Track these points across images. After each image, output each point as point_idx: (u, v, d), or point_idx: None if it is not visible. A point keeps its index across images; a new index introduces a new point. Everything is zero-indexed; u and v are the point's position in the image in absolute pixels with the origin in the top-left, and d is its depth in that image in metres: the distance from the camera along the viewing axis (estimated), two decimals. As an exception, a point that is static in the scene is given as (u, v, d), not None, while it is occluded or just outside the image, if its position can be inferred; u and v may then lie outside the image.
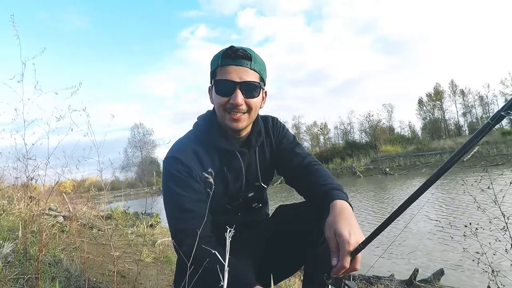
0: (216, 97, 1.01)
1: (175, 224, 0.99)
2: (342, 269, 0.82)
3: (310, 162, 1.14)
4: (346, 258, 0.81)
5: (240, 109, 0.99)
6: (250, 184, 1.16)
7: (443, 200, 8.37)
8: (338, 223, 0.86)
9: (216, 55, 1.03)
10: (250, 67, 0.99)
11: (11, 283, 1.39)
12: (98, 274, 2.04)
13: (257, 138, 1.14)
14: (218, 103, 1.01)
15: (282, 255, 1.15)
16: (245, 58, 0.99)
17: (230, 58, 0.98)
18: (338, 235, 0.84)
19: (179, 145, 1.07)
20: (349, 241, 0.82)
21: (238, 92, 0.97)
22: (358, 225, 0.87)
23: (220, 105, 1.01)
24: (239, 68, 0.98)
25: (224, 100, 0.99)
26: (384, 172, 21.90)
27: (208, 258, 0.82)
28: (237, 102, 0.97)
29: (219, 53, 1.02)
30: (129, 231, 4.33)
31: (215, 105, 1.04)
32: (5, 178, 3.94)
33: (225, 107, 1.00)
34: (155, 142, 45.54)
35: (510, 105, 0.54)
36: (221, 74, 0.99)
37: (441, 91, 41.47)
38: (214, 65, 1.02)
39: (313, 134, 43.61)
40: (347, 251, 0.81)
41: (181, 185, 0.99)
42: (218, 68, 1.00)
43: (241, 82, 0.97)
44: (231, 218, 0.94)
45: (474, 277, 3.34)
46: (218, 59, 1.00)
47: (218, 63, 1.00)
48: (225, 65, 0.98)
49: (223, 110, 1.01)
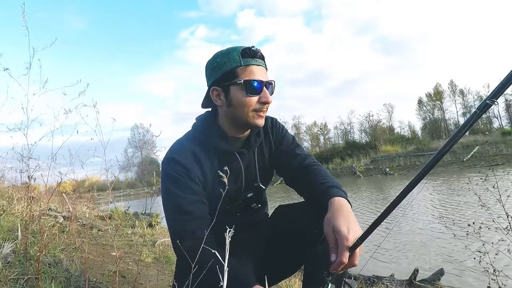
0: (245, 97, 0.99)
1: (174, 225, 0.99)
2: (340, 264, 0.82)
3: (310, 163, 1.14)
4: (344, 253, 0.82)
5: (267, 106, 1.03)
6: (249, 185, 1.16)
7: (443, 200, 8.38)
8: (336, 219, 0.87)
9: (231, 54, 1.00)
10: (265, 67, 1.04)
11: (11, 283, 1.39)
12: (98, 274, 2.05)
13: (256, 138, 1.14)
14: (248, 104, 1.00)
15: (282, 255, 1.16)
16: (262, 58, 1.03)
17: (251, 57, 1.00)
18: (336, 231, 0.84)
19: (177, 146, 1.07)
20: (347, 236, 0.82)
21: (266, 91, 1.01)
22: (356, 221, 0.88)
23: (249, 105, 1.00)
24: (260, 68, 1.01)
25: (254, 100, 1.00)
26: (384, 172, 21.91)
27: (208, 259, 0.82)
28: (269, 100, 1.01)
29: (236, 52, 0.99)
30: (129, 231, 4.33)
31: (239, 105, 1.01)
32: (5, 178, 3.94)
33: (255, 107, 1.01)
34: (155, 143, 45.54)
35: (495, 94, 0.55)
36: (248, 74, 0.99)
37: (441, 91, 41.50)
38: (231, 64, 0.99)
39: (313, 134, 43.64)
40: (345, 246, 0.82)
41: (179, 186, 0.99)
42: (240, 68, 0.98)
43: (267, 81, 1.01)
44: (231, 219, 0.93)
45: (474, 277, 3.34)
46: (238, 58, 0.99)
47: (240, 63, 0.98)
48: (249, 64, 0.99)
49: (252, 110, 1.01)
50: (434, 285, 3.00)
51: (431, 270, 3.49)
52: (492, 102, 0.55)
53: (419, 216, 6.68)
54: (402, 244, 5.00)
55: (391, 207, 0.75)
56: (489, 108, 0.55)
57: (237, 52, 0.99)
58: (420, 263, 3.99)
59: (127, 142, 49.59)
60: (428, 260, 4.16)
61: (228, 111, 1.04)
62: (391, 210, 0.75)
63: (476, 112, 0.57)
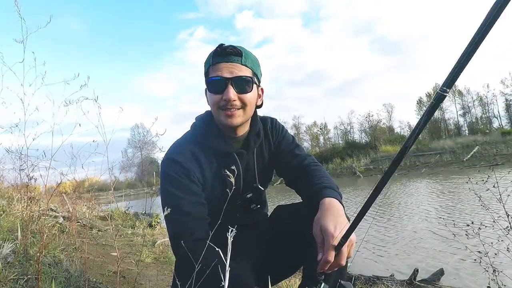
0: (210, 95, 1.01)
1: (172, 226, 0.99)
2: (326, 263, 0.82)
3: (309, 163, 1.14)
4: (330, 252, 0.81)
5: (234, 104, 0.98)
6: (249, 186, 1.15)
7: (443, 199, 8.38)
8: (324, 219, 0.86)
9: (209, 55, 1.03)
10: (241, 63, 0.99)
11: (11, 283, 1.38)
12: (98, 274, 2.04)
13: (256, 139, 1.14)
14: (212, 102, 1.00)
15: (281, 255, 1.16)
16: (235, 54, 0.99)
17: (220, 55, 0.98)
18: (323, 229, 0.84)
19: (176, 147, 1.06)
20: (333, 234, 0.82)
21: (230, 88, 0.97)
22: (346, 222, 0.86)
23: (214, 103, 1.00)
24: (230, 65, 0.98)
25: (217, 98, 0.98)
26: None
27: (207, 260, 0.82)
28: (229, 97, 0.96)
29: (210, 53, 1.02)
30: (129, 232, 4.33)
31: (210, 104, 1.04)
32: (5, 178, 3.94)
33: (219, 104, 0.99)
34: (155, 143, 45.49)
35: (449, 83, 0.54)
36: (213, 72, 0.99)
37: (441, 91, 41.41)
38: (206, 65, 1.02)
39: (313, 134, 43.62)
40: (331, 245, 0.81)
41: (179, 187, 0.98)
42: (210, 68, 1.00)
43: (232, 77, 0.97)
44: (230, 220, 0.93)
45: (474, 277, 3.34)
46: (210, 59, 1.00)
47: (210, 63, 1.00)
48: (216, 63, 0.98)
49: (217, 108, 1.00)
50: (434, 285, 2.99)
51: (431, 270, 3.49)
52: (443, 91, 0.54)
53: (419, 216, 6.68)
54: (402, 244, 4.99)
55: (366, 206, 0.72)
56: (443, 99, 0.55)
57: (212, 52, 1.01)
58: (420, 263, 3.98)
59: (127, 143, 49.64)
60: (428, 260, 4.16)
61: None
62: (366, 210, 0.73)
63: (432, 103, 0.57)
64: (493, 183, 1.89)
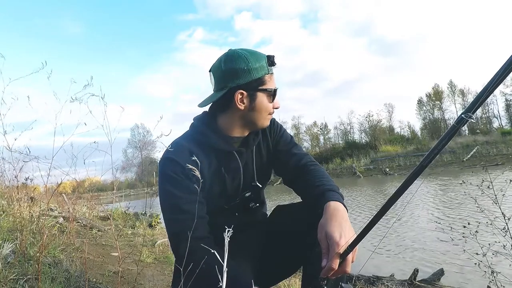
0: (267, 103, 1.06)
1: (171, 225, 0.99)
2: (330, 270, 0.82)
3: (306, 163, 1.14)
4: (334, 259, 0.81)
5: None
6: (247, 184, 1.16)
7: (443, 199, 8.38)
8: (329, 225, 0.87)
9: (261, 61, 1.03)
10: None
11: (11, 283, 1.39)
12: (98, 274, 2.05)
13: (255, 138, 1.14)
14: (270, 109, 1.08)
15: (280, 255, 1.16)
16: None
17: (273, 66, 1.07)
18: (328, 236, 0.84)
19: (175, 146, 1.06)
20: (339, 242, 0.82)
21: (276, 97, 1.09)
22: (350, 227, 0.87)
23: (267, 110, 1.07)
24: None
25: (271, 106, 1.08)
26: (384, 172, 21.91)
27: (206, 259, 0.82)
28: (279, 106, 1.11)
29: (264, 60, 1.03)
30: (129, 232, 4.33)
31: (262, 110, 1.06)
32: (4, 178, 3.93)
33: (270, 111, 1.09)
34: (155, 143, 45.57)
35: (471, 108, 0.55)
36: (271, 83, 1.06)
37: (440, 91, 41.47)
38: (261, 71, 1.03)
39: (313, 134, 43.61)
40: (336, 252, 0.81)
41: (177, 186, 0.98)
42: (267, 76, 1.04)
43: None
44: (229, 219, 0.93)
45: (474, 277, 3.34)
46: (266, 67, 1.04)
47: (267, 71, 1.04)
48: (271, 73, 1.06)
49: (268, 113, 1.09)
50: (434, 285, 2.99)
51: (431, 270, 3.49)
52: (467, 117, 0.54)
53: (419, 216, 6.68)
54: (402, 244, 5.00)
55: (378, 216, 0.73)
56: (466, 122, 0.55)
57: (264, 60, 1.03)
58: (420, 263, 3.99)
59: (127, 143, 49.65)
60: (428, 260, 4.16)
61: (248, 114, 1.05)
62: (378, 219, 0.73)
63: (454, 126, 0.57)
64: (490, 183, 1.89)
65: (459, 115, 0.55)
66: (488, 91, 0.52)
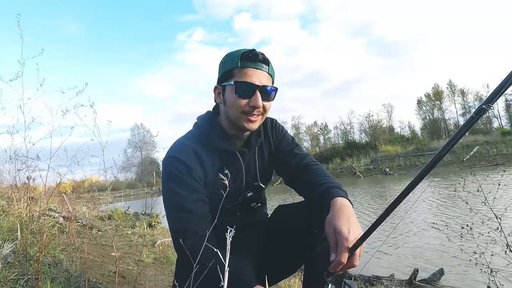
0: (235, 98, 1.00)
1: (174, 224, 0.99)
2: (339, 264, 0.83)
3: (308, 163, 1.14)
4: (343, 253, 0.83)
5: (258, 111, 1.02)
6: (249, 184, 1.16)
7: (443, 199, 8.38)
8: (337, 220, 0.87)
9: (233, 55, 1.02)
10: (267, 72, 1.02)
11: (11, 283, 1.39)
12: (98, 274, 2.04)
13: (257, 138, 1.15)
14: (237, 105, 1.01)
15: (282, 254, 1.16)
16: (264, 62, 1.01)
17: (250, 60, 0.99)
18: (337, 231, 0.85)
19: (179, 145, 1.07)
20: (348, 237, 0.83)
21: (258, 95, 0.99)
22: (357, 222, 0.89)
23: (238, 107, 1.01)
24: (259, 72, 1.00)
25: (243, 102, 1.00)
26: (384, 172, 21.92)
27: (208, 258, 0.82)
28: (258, 104, 0.99)
29: (237, 54, 1.00)
30: (129, 232, 4.33)
31: (230, 105, 1.02)
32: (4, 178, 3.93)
33: (243, 109, 1.01)
34: (155, 143, 45.63)
35: (491, 99, 0.57)
36: (241, 76, 0.99)
37: (440, 91, 41.46)
38: (230, 65, 1.01)
39: (313, 134, 43.59)
40: (345, 247, 0.83)
41: (181, 184, 0.99)
42: (237, 69, 1.00)
43: (261, 85, 0.99)
44: (231, 218, 0.94)
45: (474, 277, 3.34)
46: (237, 60, 1.00)
47: (237, 64, 0.99)
48: (245, 67, 0.99)
49: (240, 112, 1.01)
50: (434, 285, 2.99)
51: (431, 270, 3.49)
52: (488, 107, 0.57)
53: (419, 216, 6.68)
54: (402, 244, 5.00)
55: (389, 209, 0.75)
56: (485, 112, 0.57)
57: (238, 54, 1.00)
58: (420, 263, 3.98)
59: (127, 143, 49.67)
60: (428, 260, 4.16)
61: (224, 109, 1.06)
62: (389, 213, 0.76)
63: (473, 117, 0.59)
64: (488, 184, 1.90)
65: (479, 106, 0.57)
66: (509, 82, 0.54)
